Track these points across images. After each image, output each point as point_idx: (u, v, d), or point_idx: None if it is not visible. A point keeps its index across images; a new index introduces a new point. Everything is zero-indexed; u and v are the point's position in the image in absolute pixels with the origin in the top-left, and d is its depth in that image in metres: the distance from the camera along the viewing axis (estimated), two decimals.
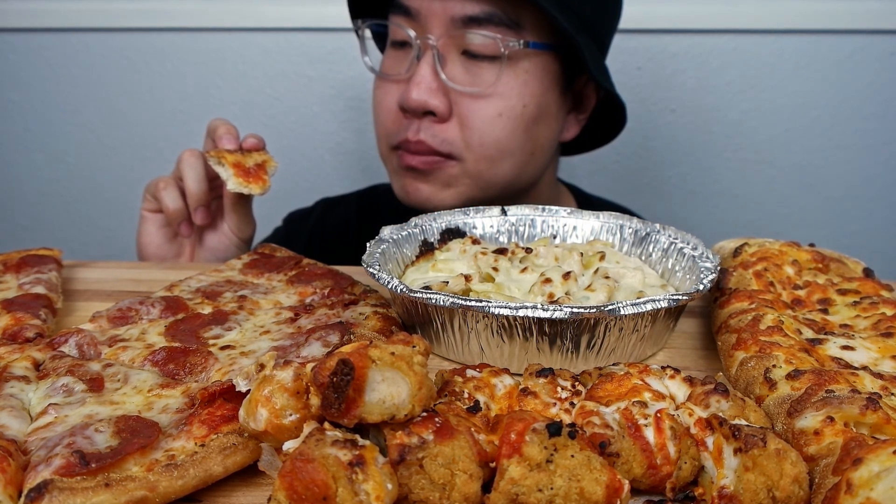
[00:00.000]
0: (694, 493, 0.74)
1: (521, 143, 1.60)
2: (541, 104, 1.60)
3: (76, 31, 2.51)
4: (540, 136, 1.64)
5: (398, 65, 1.62)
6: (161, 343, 1.00)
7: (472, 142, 1.57)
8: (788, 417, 0.80)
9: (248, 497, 0.77)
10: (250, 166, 1.43)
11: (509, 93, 1.56)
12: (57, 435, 0.77)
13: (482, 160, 1.59)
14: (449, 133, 1.57)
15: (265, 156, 1.49)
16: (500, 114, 1.56)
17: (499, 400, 0.81)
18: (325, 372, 0.68)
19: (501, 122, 1.56)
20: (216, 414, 0.81)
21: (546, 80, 1.60)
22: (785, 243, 1.20)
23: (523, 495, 0.68)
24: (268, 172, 1.45)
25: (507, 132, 1.57)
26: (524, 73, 1.56)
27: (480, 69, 1.55)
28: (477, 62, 1.55)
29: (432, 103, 1.53)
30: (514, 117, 1.57)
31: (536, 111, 1.60)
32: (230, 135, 1.49)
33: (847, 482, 0.66)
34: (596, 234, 1.29)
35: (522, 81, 1.56)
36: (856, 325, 1.01)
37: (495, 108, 1.56)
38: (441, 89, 1.54)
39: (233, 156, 1.43)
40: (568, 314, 0.94)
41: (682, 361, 1.07)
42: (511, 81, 1.55)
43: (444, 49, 1.54)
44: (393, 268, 1.17)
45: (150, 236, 1.56)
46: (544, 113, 1.62)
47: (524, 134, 1.60)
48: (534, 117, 1.60)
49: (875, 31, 2.33)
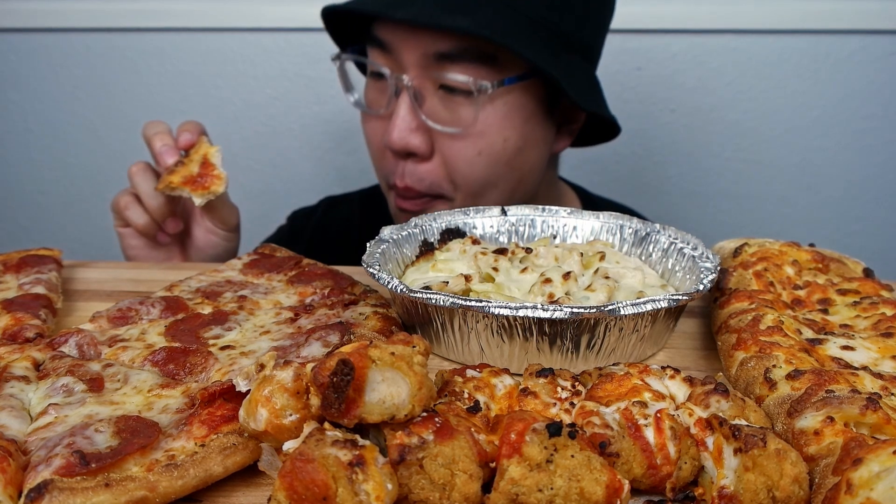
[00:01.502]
0: (694, 493, 0.74)
1: (505, 175, 1.58)
2: (524, 134, 1.57)
3: (76, 31, 2.51)
4: (525, 164, 1.61)
5: (379, 97, 1.60)
6: (161, 343, 1.00)
7: (456, 180, 1.57)
8: (788, 417, 0.80)
9: (248, 497, 0.77)
10: (197, 173, 1.38)
11: (488, 130, 1.52)
12: (57, 435, 0.77)
13: (469, 196, 1.59)
14: (433, 174, 1.56)
15: (203, 147, 1.43)
16: (479, 152, 1.53)
17: (499, 400, 0.81)
18: (325, 372, 0.68)
19: (482, 160, 1.54)
20: (216, 414, 0.81)
21: (528, 108, 1.56)
22: (785, 243, 1.20)
23: (523, 495, 0.68)
24: (216, 165, 1.39)
25: (488, 169, 1.55)
26: (503, 107, 1.52)
27: (457, 105, 1.52)
28: (454, 98, 1.51)
29: (413, 144, 1.51)
30: (493, 153, 1.54)
31: (520, 142, 1.56)
32: (166, 147, 1.44)
33: (847, 482, 0.66)
34: (596, 234, 1.29)
35: (502, 116, 1.53)
36: (856, 326, 1.01)
37: (475, 147, 1.53)
38: (421, 127, 1.52)
39: (177, 174, 1.38)
40: (568, 314, 0.94)
41: (682, 361, 1.07)
42: (490, 118, 1.52)
43: (421, 85, 1.51)
44: (393, 268, 1.17)
45: (133, 249, 1.56)
46: (528, 142, 1.58)
47: (506, 167, 1.57)
48: (516, 149, 1.56)
49: (875, 31, 2.33)
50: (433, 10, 1.43)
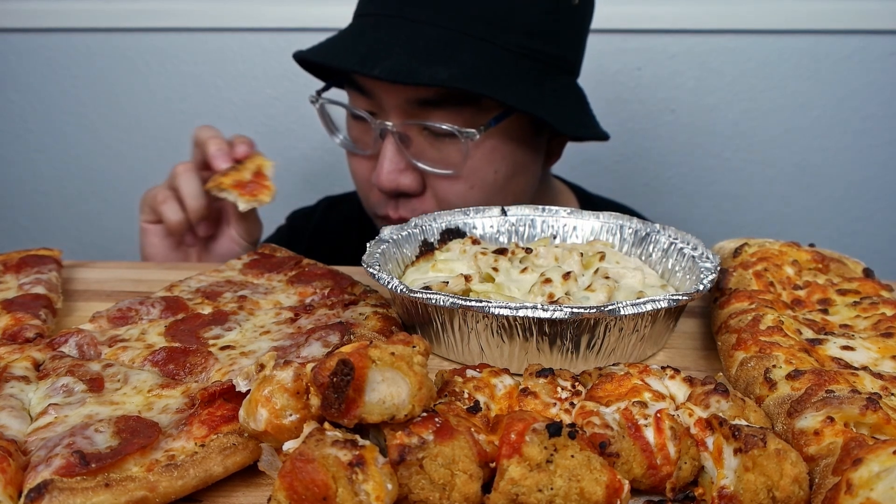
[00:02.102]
0: (694, 493, 0.74)
1: (498, 200, 1.58)
2: (513, 162, 1.57)
3: (76, 31, 2.51)
4: (517, 187, 1.62)
5: (363, 136, 1.59)
6: (161, 343, 1.00)
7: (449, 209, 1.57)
8: (788, 417, 0.80)
9: (248, 497, 0.77)
10: (249, 180, 1.41)
11: (479, 166, 1.53)
12: (57, 435, 0.77)
13: None
14: (426, 206, 1.56)
15: (258, 159, 1.47)
16: (471, 187, 1.54)
17: (499, 400, 0.81)
18: (325, 372, 0.68)
19: (475, 193, 1.55)
20: (216, 414, 0.81)
21: (515, 139, 1.56)
22: (785, 243, 1.20)
23: (523, 495, 0.68)
24: (268, 177, 1.43)
25: (483, 197, 1.56)
26: (491, 145, 1.53)
27: (445, 146, 1.51)
28: (439, 139, 1.51)
29: (404, 184, 1.52)
30: (485, 186, 1.56)
31: (510, 170, 1.57)
32: (221, 151, 1.46)
33: (847, 482, 0.66)
34: (596, 234, 1.29)
35: (490, 151, 1.53)
36: (856, 326, 1.01)
37: (467, 183, 1.54)
38: (409, 168, 1.52)
39: (229, 177, 1.41)
40: (568, 314, 0.94)
41: (682, 361, 1.07)
42: (479, 157, 1.52)
43: (405, 129, 1.51)
44: (393, 268, 1.17)
45: (154, 247, 1.55)
46: (518, 168, 1.59)
47: (500, 194, 1.58)
48: (508, 177, 1.58)
49: (875, 31, 2.33)
50: (410, 63, 1.41)
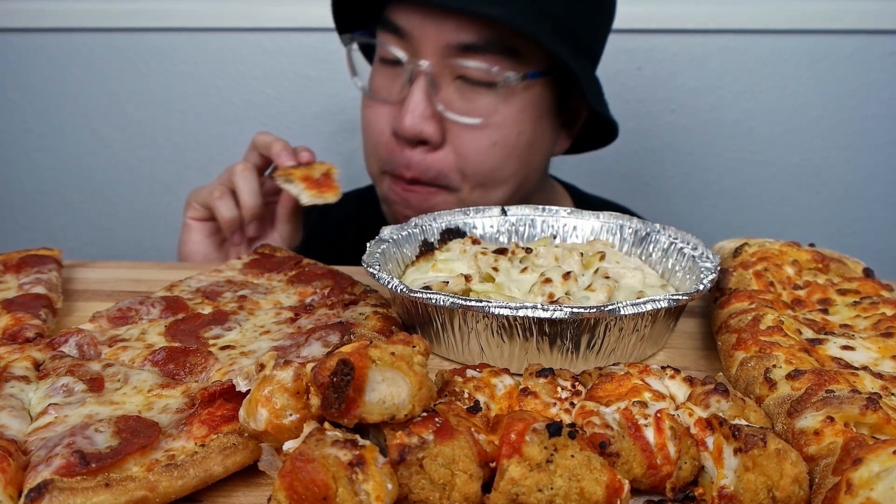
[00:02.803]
0: (694, 493, 0.74)
1: (515, 170, 1.58)
2: (535, 130, 1.57)
3: (77, 31, 2.51)
4: (533, 160, 1.61)
5: (389, 84, 1.57)
6: (161, 343, 1.00)
7: (466, 171, 1.55)
8: (788, 417, 0.80)
9: (248, 497, 0.77)
10: (318, 177, 1.46)
11: (505, 122, 1.52)
12: (57, 435, 0.77)
13: (477, 189, 1.58)
14: (442, 163, 1.54)
15: (325, 165, 1.51)
16: (494, 143, 1.53)
17: (499, 400, 0.81)
18: (325, 372, 0.68)
19: (496, 151, 1.53)
20: (216, 414, 0.81)
21: (541, 105, 1.56)
22: (785, 243, 1.20)
23: (523, 495, 0.68)
24: (335, 179, 1.47)
25: (501, 161, 1.55)
26: (521, 102, 1.52)
27: (476, 95, 1.51)
28: (472, 88, 1.50)
29: (427, 132, 1.49)
30: (508, 146, 1.54)
31: (531, 138, 1.57)
32: (287, 151, 1.51)
33: (847, 482, 0.66)
34: (596, 234, 1.29)
35: (519, 109, 1.53)
36: (856, 325, 1.01)
37: (490, 139, 1.52)
38: (434, 116, 1.50)
39: (299, 171, 1.47)
40: (568, 314, 0.94)
41: (682, 361, 1.07)
42: (507, 112, 1.51)
43: (438, 74, 1.50)
44: (393, 268, 1.17)
45: (196, 244, 1.56)
46: (537, 139, 1.59)
47: (517, 161, 1.57)
48: (528, 144, 1.57)
49: (875, 31, 2.33)
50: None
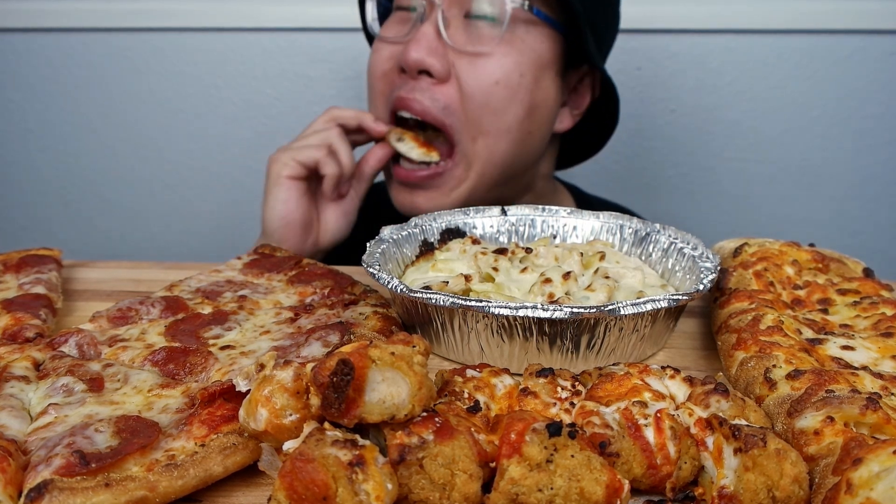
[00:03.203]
0: (694, 493, 0.74)
1: (520, 119, 1.60)
2: (538, 79, 1.60)
3: (76, 31, 2.51)
4: (537, 115, 1.64)
5: (400, 28, 1.64)
6: (161, 343, 1.00)
7: (470, 108, 1.57)
8: (788, 417, 0.80)
9: (248, 497, 0.77)
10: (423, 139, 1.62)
11: (507, 57, 1.56)
12: (57, 435, 0.77)
13: (479, 137, 1.58)
14: (447, 96, 1.57)
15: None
16: (497, 81, 1.56)
17: (499, 400, 0.81)
18: (325, 372, 0.68)
19: (499, 89, 1.56)
20: (216, 414, 0.81)
21: (545, 55, 1.60)
22: (785, 243, 1.20)
23: (523, 495, 0.68)
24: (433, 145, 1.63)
25: (504, 102, 1.57)
26: (522, 42, 1.57)
27: (481, 31, 1.56)
28: (478, 24, 1.56)
29: (429, 61, 1.53)
30: (511, 86, 1.57)
31: (533, 85, 1.59)
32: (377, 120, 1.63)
33: (847, 482, 0.66)
34: (596, 234, 1.29)
35: (520, 50, 1.57)
36: (856, 325, 1.01)
37: (492, 74, 1.56)
38: (440, 51, 1.54)
39: (409, 132, 1.61)
40: (568, 314, 0.94)
41: (682, 361, 1.07)
42: (510, 46, 1.56)
43: (448, 12, 1.56)
44: (393, 268, 1.17)
45: (294, 202, 1.60)
46: (540, 91, 1.62)
47: (521, 108, 1.59)
48: (530, 91, 1.59)
49: (875, 31, 2.33)
50: None
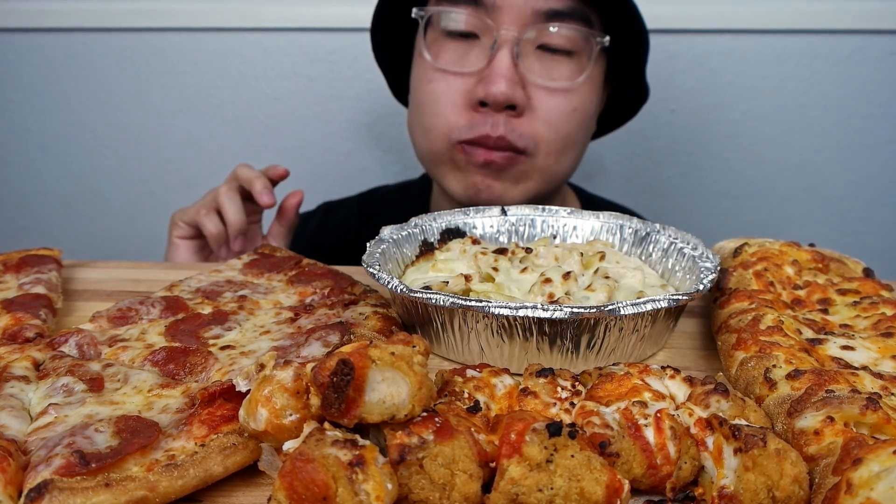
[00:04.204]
0: (694, 493, 0.74)
1: (584, 136, 1.67)
2: (598, 100, 1.67)
3: (76, 31, 2.51)
4: (590, 130, 1.71)
5: (461, 57, 1.60)
6: (161, 343, 1.00)
7: (547, 136, 1.59)
8: (788, 417, 0.80)
9: (248, 497, 0.77)
10: None
11: (583, 88, 1.59)
12: (57, 435, 0.77)
13: (551, 154, 1.61)
14: (525, 127, 1.57)
15: None
16: (575, 109, 1.59)
17: (499, 400, 0.81)
18: (325, 372, 0.68)
19: (576, 117, 1.59)
20: (216, 414, 0.81)
21: (601, 77, 1.66)
22: (785, 243, 1.20)
23: (523, 495, 0.68)
24: None
25: (576, 127, 1.61)
26: (595, 70, 1.61)
27: (556, 63, 1.57)
28: (552, 56, 1.56)
29: (516, 97, 1.53)
30: (584, 111, 1.61)
31: (597, 107, 1.67)
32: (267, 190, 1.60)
33: (847, 482, 0.66)
34: (596, 234, 1.29)
35: (592, 78, 1.61)
36: (856, 325, 1.01)
37: (571, 104, 1.58)
38: (520, 83, 1.54)
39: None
40: (568, 314, 0.94)
41: (682, 361, 1.07)
42: (584, 78, 1.59)
43: (522, 43, 1.55)
44: (393, 268, 1.17)
45: (189, 259, 1.64)
46: (596, 109, 1.69)
47: (586, 128, 1.67)
48: (594, 113, 1.66)
49: (875, 31, 2.33)
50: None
